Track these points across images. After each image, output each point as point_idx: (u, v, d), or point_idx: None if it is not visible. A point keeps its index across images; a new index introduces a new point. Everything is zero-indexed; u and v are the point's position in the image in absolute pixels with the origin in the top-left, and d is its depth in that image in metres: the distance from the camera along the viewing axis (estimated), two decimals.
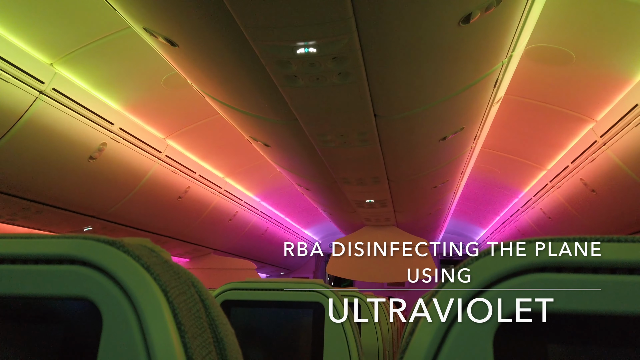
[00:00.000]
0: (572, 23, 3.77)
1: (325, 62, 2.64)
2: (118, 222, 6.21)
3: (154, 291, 0.49)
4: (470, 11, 2.35)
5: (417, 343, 0.46)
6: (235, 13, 2.18)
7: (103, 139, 4.64)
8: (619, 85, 4.35)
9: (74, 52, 3.93)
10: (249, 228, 9.18)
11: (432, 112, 3.66)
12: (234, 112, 3.91)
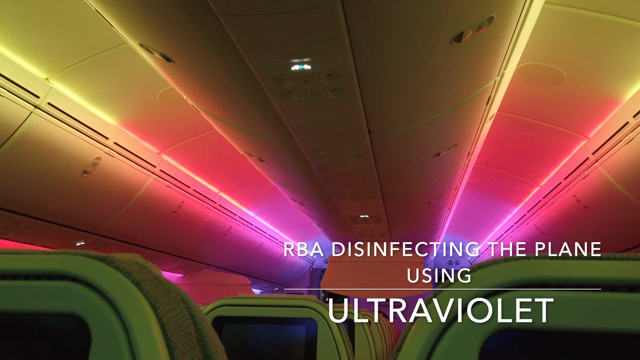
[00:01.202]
0: (563, 43, 3.84)
1: (319, 79, 2.66)
2: (111, 236, 6.17)
3: (143, 307, 0.49)
4: (462, 30, 2.39)
5: (411, 343, 0.47)
6: (230, 30, 2.20)
7: (97, 153, 4.63)
8: (609, 103, 4.41)
9: (70, 67, 3.95)
10: (243, 243, 9.14)
11: (426, 128, 3.70)
12: (229, 127, 3.92)
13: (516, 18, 2.61)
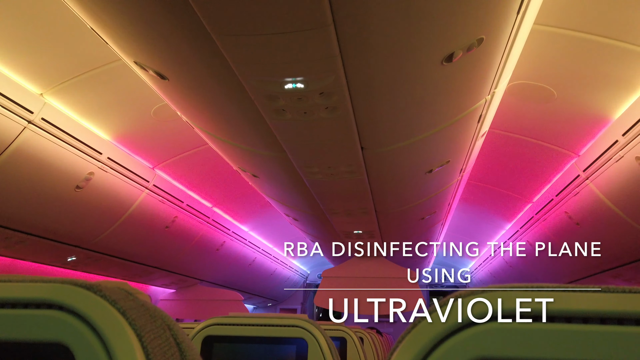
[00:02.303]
0: (552, 62, 3.91)
1: (312, 97, 2.69)
2: (103, 251, 6.12)
3: (128, 336, 0.50)
4: (452, 51, 2.44)
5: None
6: (224, 50, 2.23)
7: (91, 168, 4.63)
8: (599, 121, 4.48)
9: (65, 82, 3.97)
10: (236, 258, 9.09)
11: (418, 145, 3.73)
12: (222, 143, 3.94)
13: (505, 39, 2.66)
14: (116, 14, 2.19)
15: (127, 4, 2.05)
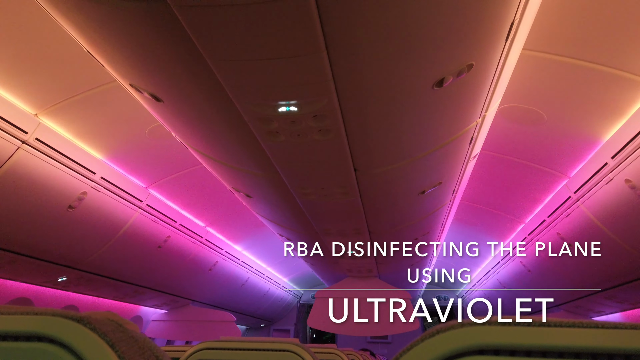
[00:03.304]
0: (542, 86, 3.98)
1: (305, 120, 2.73)
2: (94, 272, 6.07)
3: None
4: (443, 76, 2.48)
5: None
6: (219, 74, 2.27)
7: (84, 188, 4.62)
8: (589, 143, 4.54)
9: (60, 103, 3.99)
10: (229, 278, 9.03)
11: (410, 167, 3.76)
12: (216, 164, 3.96)
13: (495, 65, 2.72)
14: (112, 38, 2.22)
15: (123, 29, 2.09)
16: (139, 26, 2.02)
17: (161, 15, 1.90)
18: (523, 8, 2.40)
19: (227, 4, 1.78)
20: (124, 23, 2.03)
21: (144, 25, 2.01)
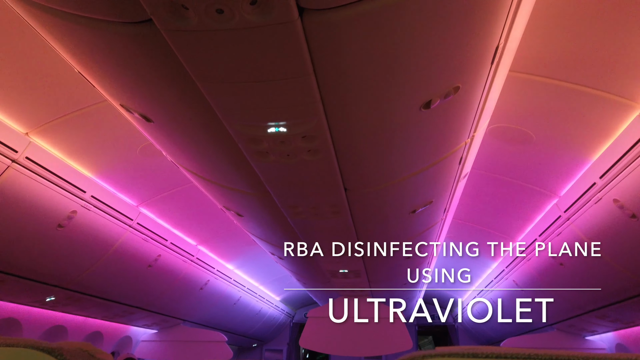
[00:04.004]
0: (530, 107, 4.04)
1: (295, 141, 2.74)
2: (83, 291, 6.00)
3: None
4: (430, 98, 2.52)
5: None
6: (208, 95, 2.29)
7: (73, 206, 4.59)
8: (577, 163, 4.59)
9: (52, 122, 3.99)
10: (220, 297, 8.94)
11: (401, 186, 3.78)
12: (207, 183, 3.96)
13: (481, 87, 2.76)
14: (102, 60, 2.24)
15: (113, 51, 2.11)
16: (129, 49, 2.05)
17: (150, 38, 1.92)
18: (507, 33, 2.45)
19: (215, 29, 1.81)
20: (114, 46, 2.05)
21: (133, 48, 2.03)
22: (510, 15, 2.33)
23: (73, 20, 1.93)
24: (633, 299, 5.36)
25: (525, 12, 2.60)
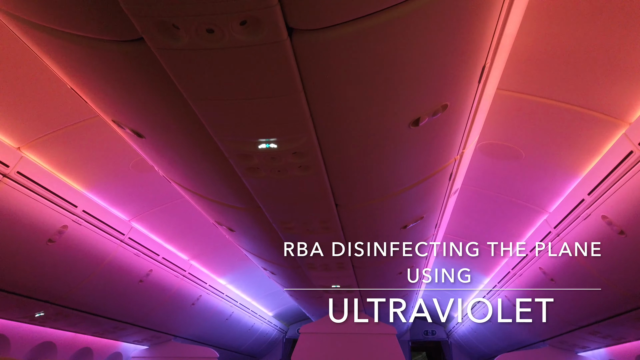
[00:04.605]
0: (519, 124, 4.10)
1: (285, 157, 2.77)
2: (73, 307, 5.94)
3: None
4: (418, 116, 2.56)
5: None
6: (199, 112, 2.31)
7: (64, 221, 4.57)
8: (566, 179, 4.64)
9: (44, 136, 4.00)
10: (212, 313, 8.86)
11: (391, 202, 3.80)
12: (199, 198, 3.96)
13: (469, 105, 2.81)
14: (94, 77, 2.27)
15: (105, 69, 2.13)
16: (121, 66, 2.07)
17: (141, 56, 1.95)
18: (493, 53, 2.50)
19: (206, 48, 1.84)
20: (106, 63, 2.08)
21: (125, 66, 2.06)
22: (496, 36, 2.38)
23: (65, 38, 1.96)
24: (624, 315, 5.37)
25: (511, 33, 2.67)
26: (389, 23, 1.85)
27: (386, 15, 1.81)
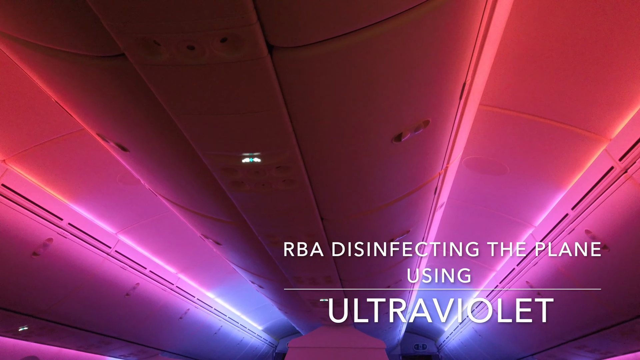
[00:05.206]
0: (503, 140, 4.16)
1: (269, 171, 2.78)
2: (58, 321, 5.87)
3: None
4: (400, 131, 2.59)
5: None
6: (182, 126, 2.33)
7: (49, 234, 4.54)
8: (551, 194, 4.69)
9: (29, 149, 3.99)
10: (200, 327, 8.78)
11: (377, 216, 3.82)
12: (184, 211, 3.96)
13: (451, 121, 2.85)
14: (77, 91, 2.28)
15: (88, 83, 2.15)
16: (103, 81, 2.09)
17: (124, 71, 1.97)
18: (474, 70, 2.55)
19: (187, 64, 1.86)
20: (89, 78, 2.10)
21: (107, 81, 2.08)
22: (475, 54, 2.43)
23: (47, 53, 1.97)
24: (610, 329, 5.40)
25: (490, 51, 2.72)
26: (367, 42, 1.88)
27: (364, 34, 1.85)
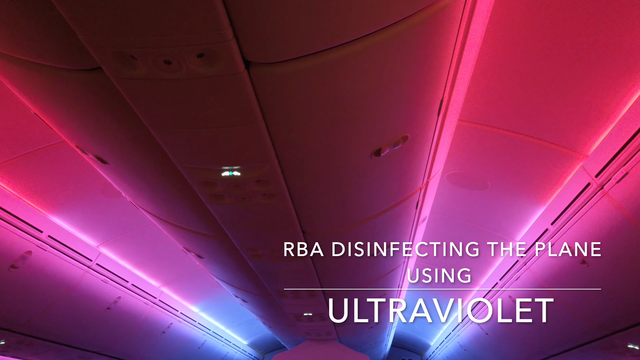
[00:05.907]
0: (483, 155, 4.22)
1: (249, 184, 2.79)
2: (37, 335, 5.75)
3: None
4: (379, 146, 2.62)
5: None
6: (160, 140, 2.33)
7: (28, 246, 4.48)
8: (531, 209, 4.75)
9: (9, 160, 3.95)
10: (184, 341, 8.66)
11: (359, 230, 3.83)
12: (166, 224, 3.94)
13: (430, 136, 2.89)
14: (56, 104, 2.28)
15: (65, 95, 2.15)
16: (81, 94, 2.09)
17: (101, 85, 1.97)
18: (451, 87, 2.60)
19: (164, 78, 1.87)
20: (66, 91, 2.10)
21: (85, 94, 2.08)
22: (452, 71, 2.47)
23: (25, 66, 1.97)
24: (590, 344, 5.44)
25: (468, 67, 2.77)
26: (344, 59, 1.91)
27: (341, 51, 1.88)
